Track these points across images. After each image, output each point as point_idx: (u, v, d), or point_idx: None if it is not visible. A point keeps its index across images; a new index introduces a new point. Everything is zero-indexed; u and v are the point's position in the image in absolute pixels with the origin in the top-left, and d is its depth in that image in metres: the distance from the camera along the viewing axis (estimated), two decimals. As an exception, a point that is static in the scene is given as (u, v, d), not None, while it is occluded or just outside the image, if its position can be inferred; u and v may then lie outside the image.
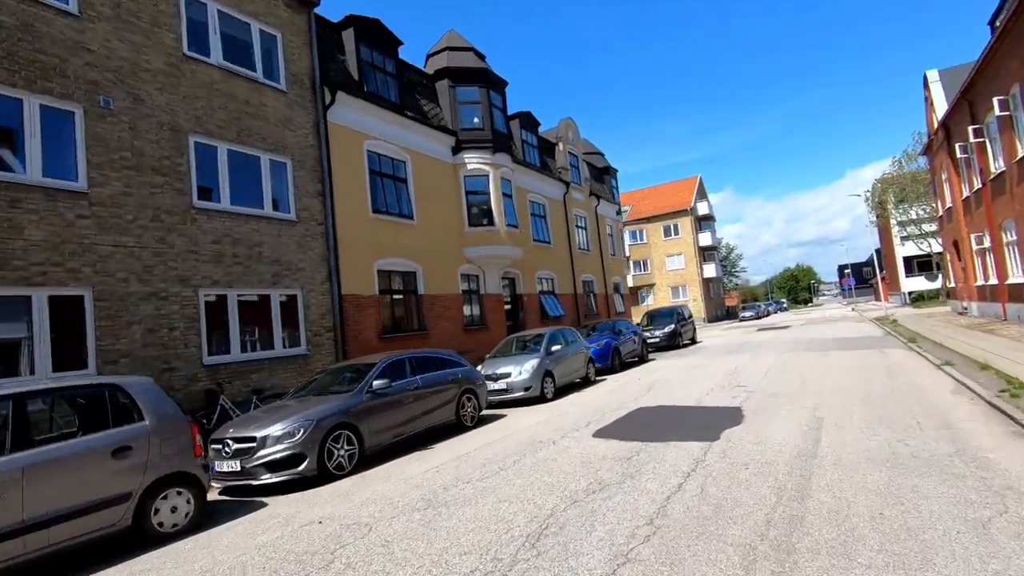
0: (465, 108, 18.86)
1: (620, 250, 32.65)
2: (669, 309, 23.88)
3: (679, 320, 22.97)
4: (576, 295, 25.72)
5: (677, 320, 22.69)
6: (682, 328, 22.95)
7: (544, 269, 23.40)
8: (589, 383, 13.92)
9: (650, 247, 54.31)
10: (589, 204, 28.96)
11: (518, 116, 23.32)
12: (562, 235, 25.45)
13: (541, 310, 22.62)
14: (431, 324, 16.37)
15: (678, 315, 23.26)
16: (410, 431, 8.33)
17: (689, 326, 24.04)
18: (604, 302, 28.99)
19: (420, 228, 16.48)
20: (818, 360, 13.48)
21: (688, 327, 23.84)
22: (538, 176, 23.80)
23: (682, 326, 23.05)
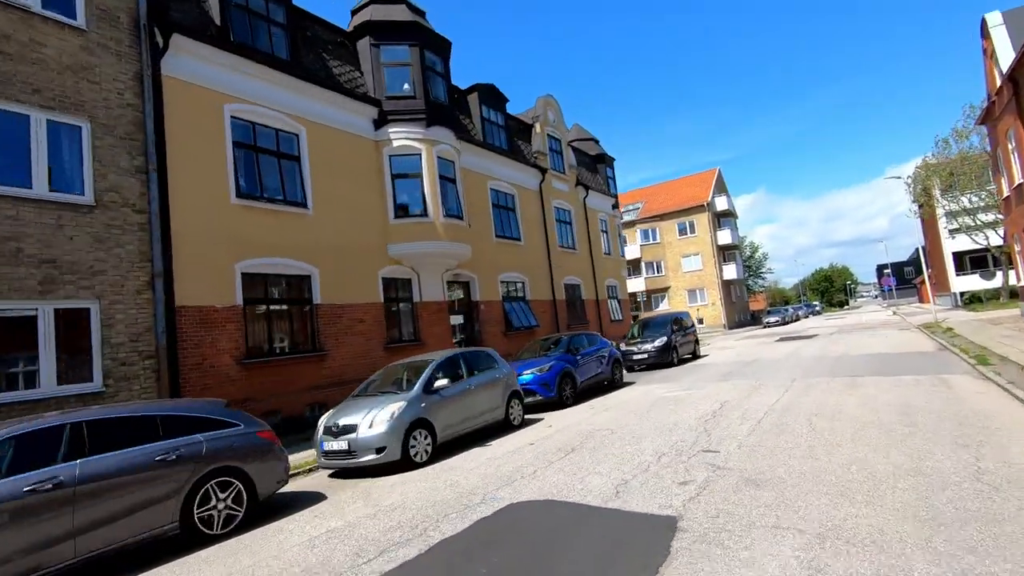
0: (392, 72, 15.20)
1: (617, 249, 28.54)
2: (665, 317, 19.70)
3: (676, 330, 18.79)
4: (555, 301, 21.75)
5: (673, 330, 18.52)
6: (680, 340, 18.76)
7: (511, 271, 19.53)
8: (507, 429, 9.86)
9: (664, 247, 49.79)
10: (575, 195, 24.97)
11: (476, 89, 19.57)
12: (537, 231, 21.55)
13: (505, 320, 18.75)
14: (333, 341, 12.69)
15: (675, 324, 19.07)
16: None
17: (689, 337, 19.81)
18: (595, 309, 24.91)
19: (318, 220, 12.85)
20: (843, 396, 9.29)
21: (688, 339, 19.62)
22: (504, 161, 19.99)
23: (680, 337, 18.86)
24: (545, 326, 20.80)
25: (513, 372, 10.68)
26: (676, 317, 19.89)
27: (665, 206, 50.49)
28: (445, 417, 8.27)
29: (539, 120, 23.18)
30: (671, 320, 19.16)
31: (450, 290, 17.23)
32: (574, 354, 12.41)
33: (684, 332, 19.44)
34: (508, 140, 20.91)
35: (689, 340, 19.75)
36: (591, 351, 13.15)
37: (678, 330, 19.04)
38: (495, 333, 18.14)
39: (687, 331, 19.79)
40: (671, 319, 19.30)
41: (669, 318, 19.28)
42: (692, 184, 52.13)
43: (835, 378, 11.30)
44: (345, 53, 15.03)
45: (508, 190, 20.20)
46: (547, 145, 23.35)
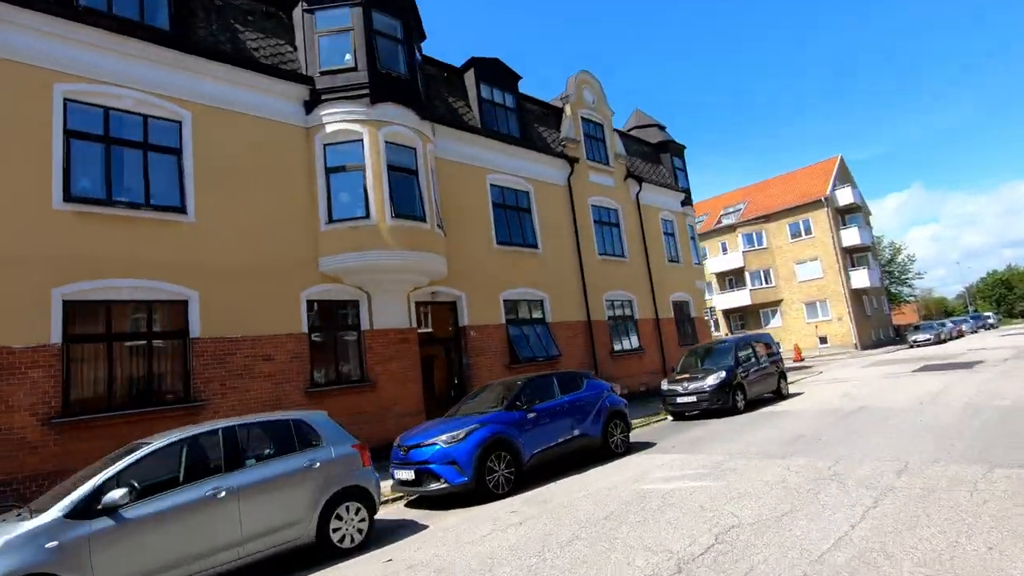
0: (330, 41, 12.10)
1: (689, 255, 23.07)
2: (731, 342, 14.23)
3: (744, 360, 13.40)
4: (590, 323, 17.16)
5: (739, 361, 13.16)
6: (752, 375, 13.32)
7: (522, 286, 15.43)
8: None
9: (772, 253, 42.10)
10: (624, 190, 20.23)
11: (473, 64, 15.97)
12: (563, 235, 17.24)
13: (510, 350, 14.65)
14: (217, 387, 9.57)
15: (744, 352, 13.66)
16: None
17: (767, 370, 14.20)
18: (652, 331, 19.79)
19: (204, 230, 9.91)
20: (1013, 536, 4.14)
21: (764, 372, 14.03)
22: (513, 151, 16.10)
23: (751, 372, 13.43)
24: (572, 356, 16.32)
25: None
26: (748, 341, 14.40)
27: (772, 204, 42.88)
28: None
29: (569, 101, 18.98)
30: (738, 345, 13.76)
31: (426, 312, 13.58)
32: (523, 408, 8.02)
33: (758, 364, 13.90)
34: (522, 126, 16.99)
35: (767, 374, 14.14)
36: (563, 402, 8.61)
37: (748, 360, 13.60)
38: (493, 366, 14.11)
39: (764, 361, 14.21)
40: (739, 344, 13.89)
41: (735, 344, 13.88)
42: (807, 177, 43.90)
43: (995, 469, 5.85)
44: (277, 26, 12.23)
45: (519, 186, 16.21)
46: (581, 131, 19.03)
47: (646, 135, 24.16)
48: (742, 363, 13.16)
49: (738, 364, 13.05)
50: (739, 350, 13.50)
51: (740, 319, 43.86)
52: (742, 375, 12.93)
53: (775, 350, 15.00)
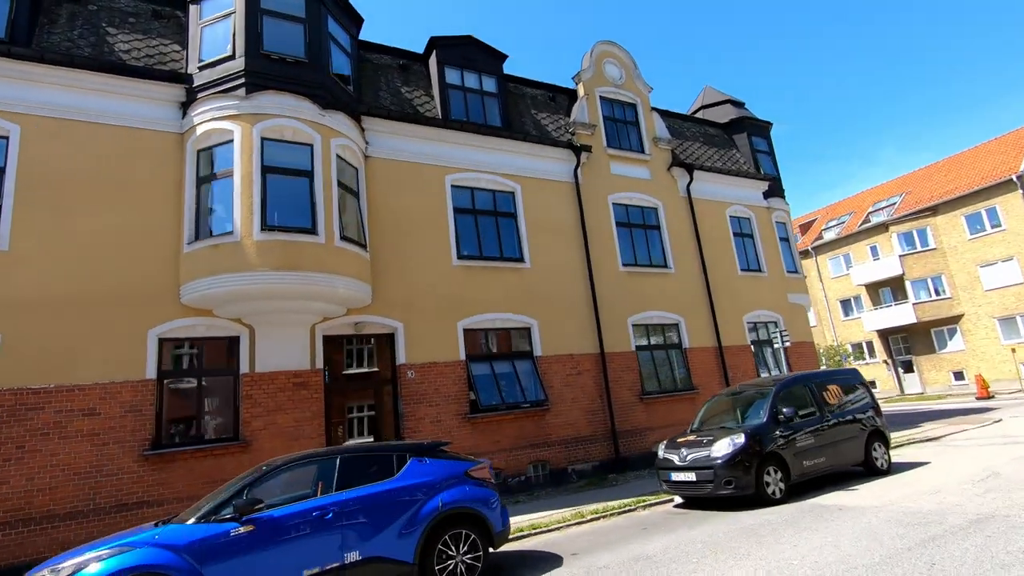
0: (213, 31, 10.26)
1: (779, 262, 17.44)
2: (779, 384, 9.15)
3: (793, 417, 8.41)
4: (604, 355, 13.01)
5: (780, 416, 8.23)
6: (802, 438, 8.32)
7: (494, 311, 12.02)
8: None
9: (943, 254, 32.40)
10: (667, 182, 15.77)
11: (435, 46, 13.23)
12: (565, 242, 13.47)
13: (472, 396, 11.28)
14: (12, 451, 7.75)
15: (793, 401, 8.69)
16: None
17: (846, 430, 8.90)
18: (713, 363, 14.80)
19: (18, 256, 8.34)
20: None
21: (836, 433, 8.78)
22: (492, 144, 12.98)
23: (805, 433, 8.42)
24: (574, 401, 12.35)
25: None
26: (806, 381, 9.22)
27: (940, 192, 33.29)
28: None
29: (583, 79, 15.30)
30: (785, 390, 8.79)
31: (349, 349, 10.87)
32: (228, 517, 4.73)
33: (821, 419, 8.73)
34: (508, 113, 13.79)
35: (843, 436, 8.84)
36: (323, 506, 5.10)
37: (802, 414, 8.58)
38: (442, 417, 10.83)
39: (835, 415, 8.95)
40: (787, 387, 8.89)
41: (784, 385, 8.90)
42: (990, 153, 33.51)
43: None
44: (166, 26, 10.76)
45: (497, 185, 12.95)
46: (600, 114, 15.18)
47: (715, 115, 19.26)
48: (786, 420, 8.26)
49: (777, 422, 8.20)
50: (783, 399, 8.57)
51: (903, 342, 34.40)
52: (783, 440, 8.05)
53: (864, 396, 9.56)
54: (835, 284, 37.85)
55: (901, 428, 15.28)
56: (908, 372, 34.13)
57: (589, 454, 12.16)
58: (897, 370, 34.51)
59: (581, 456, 12.11)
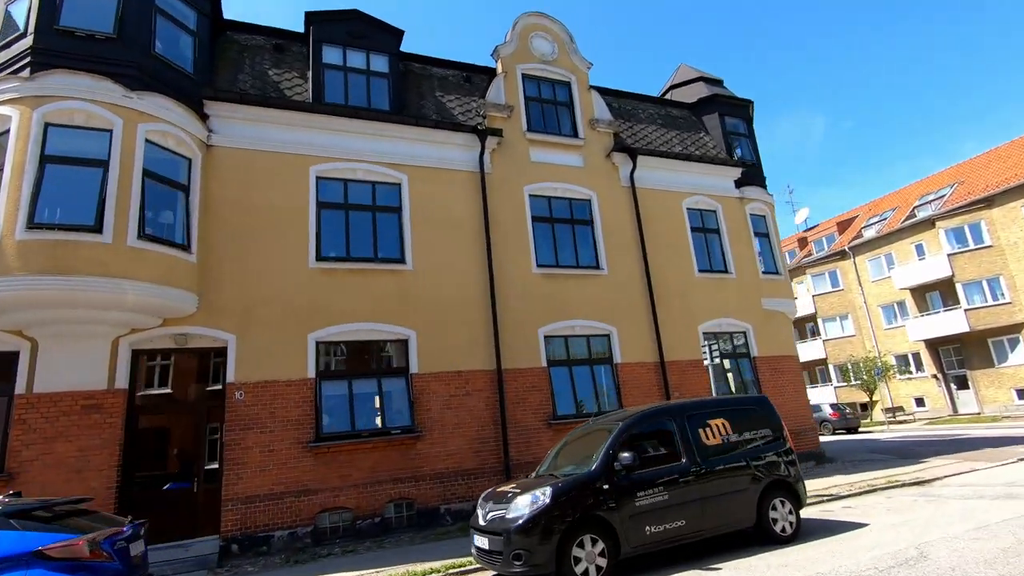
0: (17, 8, 9.18)
1: (752, 261, 14.74)
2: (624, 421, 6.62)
3: (638, 465, 6.15)
4: (501, 372, 10.99)
5: (616, 465, 5.97)
6: (655, 496, 6.11)
7: (359, 320, 10.31)
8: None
9: (1001, 252, 27.90)
10: (605, 170, 13.58)
11: (312, 22, 11.75)
12: (464, 239, 11.60)
13: (316, 420, 9.58)
14: None
15: (645, 441, 6.47)
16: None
17: (734, 479, 6.54)
18: (652, 381, 12.42)
19: None
20: None
21: (710, 486, 6.44)
22: (375, 129, 11.36)
23: (660, 489, 6.18)
24: (456, 428, 10.41)
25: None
26: (669, 412, 6.82)
27: (997, 181, 28.82)
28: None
29: (502, 56, 13.41)
30: (631, 427, 6.51)
31: (167, 364, 9.44)
32: None
33: (691, 461, 6.37)
34: (402, 96, 12.14)
35: (729, 489, 6.46)
36: None
37: (659, 458, 6.34)
38: (277, 446, 9.19)
39: (715, 456, 6.57)
40: (636, 423, 6.62)
41: (635, 420, 6.65)
42: (1060, 134, 28.72)
43: None
44: (-11, 9, 9.81)
45: (379, 176, 11.26)
46: (521, 94, 13.25)
47: (686, 94, 16.83)
48: (623, 469, 6.05)
49: (611, 472, 6.03)
50: (629, 440, 6.34)
51: (956, 354, 29.95)
52: (613, 497, 5.87)
53: (768, 433, 7.12)
54: (876, 288, 33.64)
55: (896, 464, 12.36)
56: (962, 389, 29.60)
57: (472, 491, 10.15)
58: (949, 387, 30.01)
59: (461, 493, 10.15)
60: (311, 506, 9.15)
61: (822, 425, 26.08)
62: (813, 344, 36.40)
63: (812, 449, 13.79)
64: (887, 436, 21.47)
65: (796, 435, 13.49)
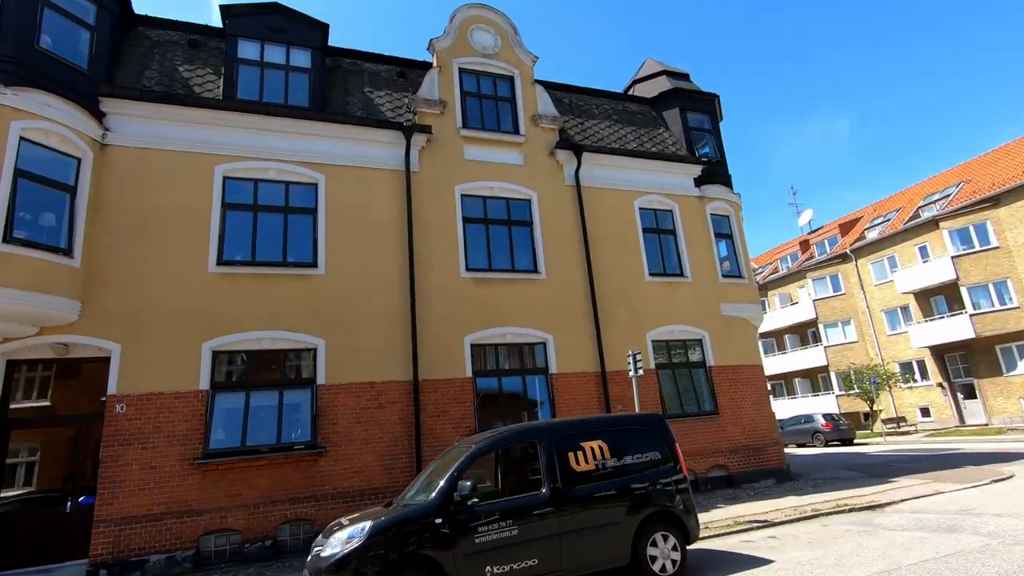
0: None
1: (711, 262, 13.82)
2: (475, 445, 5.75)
3: (474, 495, 5.40)
4: (417, 383, 10.28)
5: (456, 496, 5.25)
6: (506, 521, 5.35)
7: (262, 329, 9.70)
8: None
9: (1010, 255, 26.33)
10: (547, 168, 12.85)
11: (228, 15, 11.23)
12: (387, 243, 10.94)
13: (204, 434, 8.98)
14: None
15: (496, 466, 5.70)
16: None
17: (606, 509, 5.76)
18: (592, 393, 11.60)
19: None
20: None
21: (577, 515, 5.60)
22: (291, 126, 10.80)
23: (512, 514, 5.43)
24: (367, 442, 9.73)
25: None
26: (534, 434, 6.01)
27: (1004, 179, 27.32)
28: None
29: (438, 50, 12.77)
30: (490, 451, 5.79)
31: (48, 375, 8.93)
32: None
33: (553, 490, 5.62)
34: (324, 92, 11.58)
35: (599, 516, 5.68)
36: None
37: (513, 487, 5.60)
38: (162, 462, 8.60)
39: (584, 483, 5.77)
40: (499, 445, 5.89)
41: (493, 444, 5.89)
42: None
43: None
44: None
45: (293, 176, 10.68)
46: (457, 89, 12.59)
47: (648, 89, 16.01)
48: (463, 500, 5.30)
49: (449, 503, 5.28)
50: (479, 467, 5.61)
51: (962, 361, 28.40)
52: (446, 532, 5.13)
53: (656, 455, 6.29)
54: (878, 292, 32.19)
55: (861, 484, 11.33)
56: (969, 398, 28.02)
57: (380, 512, 9.44)
58: (955, 396, 28.45)
59: (367, 514, 9.44)
60: (194, 528, 8.53)
61: (814, 437, 24.80)
62: (814, 350, 34.95)
63: (774, 466, 12.79)
64: (878, 449, 20.22)
65: (755, 451, 12.55)
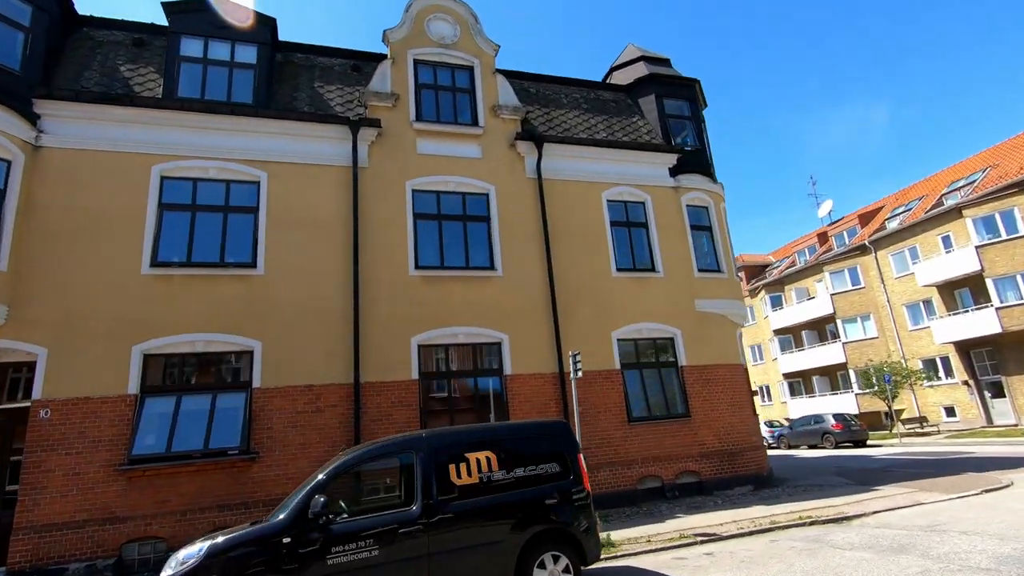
0: None
1: (687, 255, 13.06)
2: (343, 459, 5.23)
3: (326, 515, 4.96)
4: (358, 386, 9.90)
5: (306, 516, 4.87)
6: (363, 543, 4.88)
7: (197, 331, 9.47)
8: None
9: (1040, 243, 24.57)
10: (508, 160, 12.32)
11: (171, 12, 11.05)
12: (331, 240, 10.60)
13: (134, 441, 8.78)
14: None
15: (370, 482, 5.25)
16: None
17: (476, 527, 5.21)
18: (552, 395, 11.01)
19: None
20: None
21: (448, 535, 5.10)
22: (232, 124, 10.57)
23: (371, 535, 4.98)
24: (311, 447, 9.39)
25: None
26: (408, 445, 5.42)
27: (1033, 163, 25.51)
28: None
29: (392, 41, 12.36)
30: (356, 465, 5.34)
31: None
32: None
33: (425, 506, 5.10)
34: (270, 87, 11.31)
35: (475, 535, 5.16)
36: None
37: (377, 504, 5.14)
38: (87, 467, 8.42)
39: (460, 499, 5.24)
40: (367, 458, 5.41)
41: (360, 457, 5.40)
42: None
43: None
44: None
45: (235, 175, 10.40)
46: (411, 80, 12.16)
47: (626, 76, 15.30)
48: (315, 519, 4.87)
49: (301, 522, 4.86)
50: (344, 482, 5.21)
51: (989, 357, 26.69)
52: (296, 558, 4.70)
53: (555, 467, 5.72)
54: (899, 285, 30.56)
55: (843, 492, 10.50)
56: (997, 397, 26.32)
57: (314, 520, 9.10)
58: (982, 394, 26.76)
59: (300, 523, 9.11)
60: (117, 536, 8.33)
61: (824, 438, 23.59)
62: (832, 347, 33.43)
63: (752, 472, 12.00)
64: (887, 452, 19.05)
65: (731, 456, 11.82)
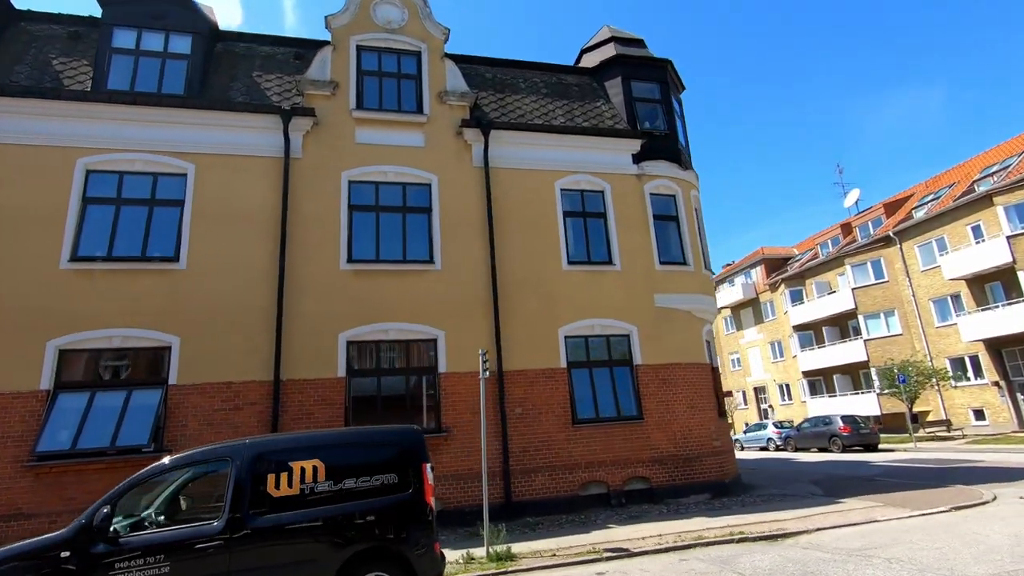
0: None
1: (648, 247, 12.26)
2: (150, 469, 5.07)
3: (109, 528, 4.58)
4: (279, 383, 9.58)
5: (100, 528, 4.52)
6: (153, 558, 4.52)
7: (115, 327, 9.34)
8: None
9: (1079, 231, 22.43)
10: (453, 149, 11.77)
11: (108, 2, 10.93)
12: (260, 233, 10.31)
13: (45, 437, 8.70)
14: None
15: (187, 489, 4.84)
16: None
17: (289, 544, 4.75)
18: (489, 395, 10.47)
19: None
20: None
21: (258, 551, 4.68)
22: (159, 115, 10.40)
23: (161, 549, 4.59)
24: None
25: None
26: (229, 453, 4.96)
27: (1073, 145, 23.29)
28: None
29: (334, 27, 11.96)
30: (161, 474, 4.91)
31: None
32: None
33: (231, 520, 4.65)
34: (200, 77, 11.10)
35: (288, 552, 4.71)
36: None
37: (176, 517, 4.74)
38: None
39: (274, 513, 4.80)
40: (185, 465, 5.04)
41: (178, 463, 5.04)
42: None
43: None
44: None
45: (161, 167, 10.22)
46: (353, 68, 11.74)
47: (595, 58, 14.51)
48: (99, 533, 4.49)
49: (89, 534, 4.50)
50: (142, 492, 4.80)
51: (1022, 357, 24.65)
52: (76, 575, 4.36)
53: (393, 479, 5.18)
54: (926, 279, 28.59)
55: (802, 505, 9.61)
56: (1031, 399, 24.29)
57: (225, 521, 8.86)
58: (1014, 396, 24.75)
59: (210, 523, 8.88)
60: (20, 533, 8.23)
61: (831, 441, 22.22)
62: (853, 344, 31.57)
63: (712, 479, 11.18)
64: (890, 458, 17.73)
65: (686, 462, 11.05)
